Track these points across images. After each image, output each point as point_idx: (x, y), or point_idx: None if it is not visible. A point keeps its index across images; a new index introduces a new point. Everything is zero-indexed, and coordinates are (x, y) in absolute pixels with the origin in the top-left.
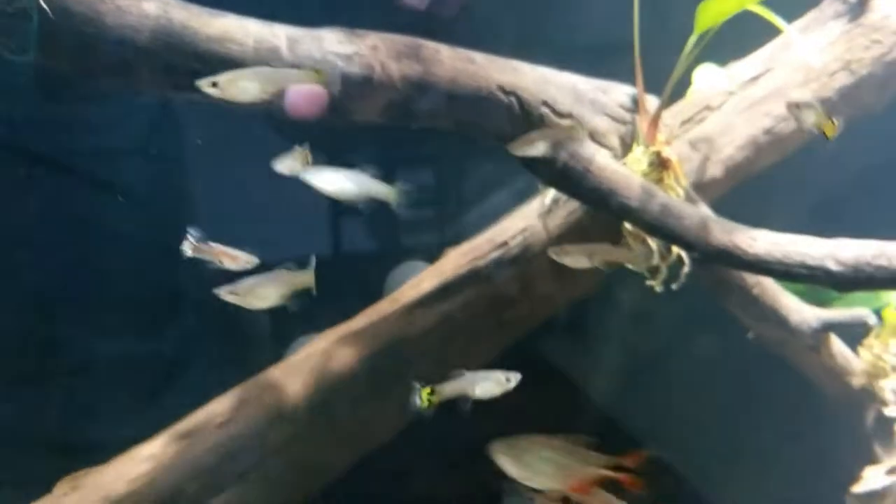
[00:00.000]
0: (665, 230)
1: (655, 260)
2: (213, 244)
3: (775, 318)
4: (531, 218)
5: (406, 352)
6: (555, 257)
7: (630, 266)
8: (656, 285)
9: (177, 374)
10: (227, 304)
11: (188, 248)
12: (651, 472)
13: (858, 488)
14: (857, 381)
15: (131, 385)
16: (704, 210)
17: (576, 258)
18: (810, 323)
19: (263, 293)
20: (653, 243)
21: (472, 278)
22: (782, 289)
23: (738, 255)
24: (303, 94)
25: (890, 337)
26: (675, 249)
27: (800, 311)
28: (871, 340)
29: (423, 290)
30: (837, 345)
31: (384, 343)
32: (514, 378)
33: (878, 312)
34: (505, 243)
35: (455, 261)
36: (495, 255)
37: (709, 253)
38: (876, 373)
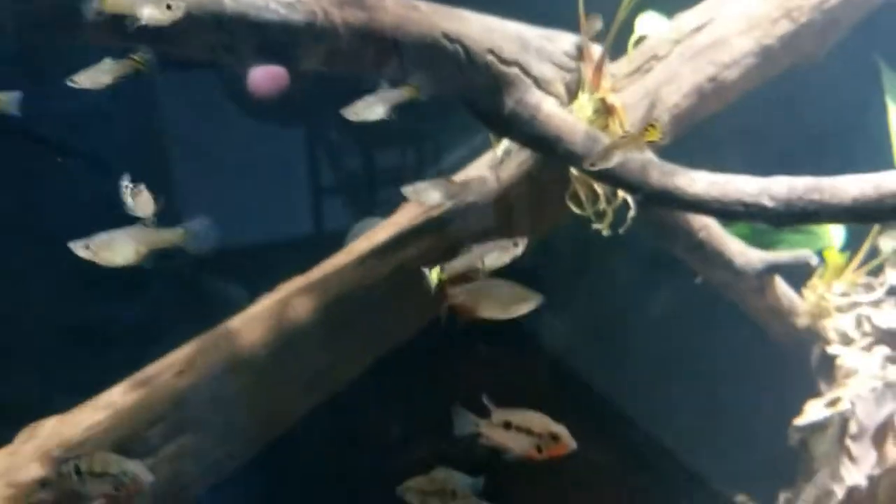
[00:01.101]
0: (609, 174)
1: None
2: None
3: (721, 262)
4: (484, 169)
5: (361, 301)
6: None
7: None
8: (603, 229)
9: (151, 342)
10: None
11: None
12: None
13: (800, 421)
14: (802, 322)
15: (105, 352)
16: (647, 154)
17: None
18: (755, 265)
19: (119, 249)
20: (599, 188)
21: (426, 229)
22: (727, 233)
23: (678, 196)
24: (265, 74)
25: (832, 278)
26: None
27: (744, 253)
28: (814, 282)
29: (377, 242)
30: (782, 287)
31: (339, 293)
32: (522, 243)
33: (820, 254)
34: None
35: (410, 212)
36: (449, 205)
37: (651, 194)
38: (819, 313)
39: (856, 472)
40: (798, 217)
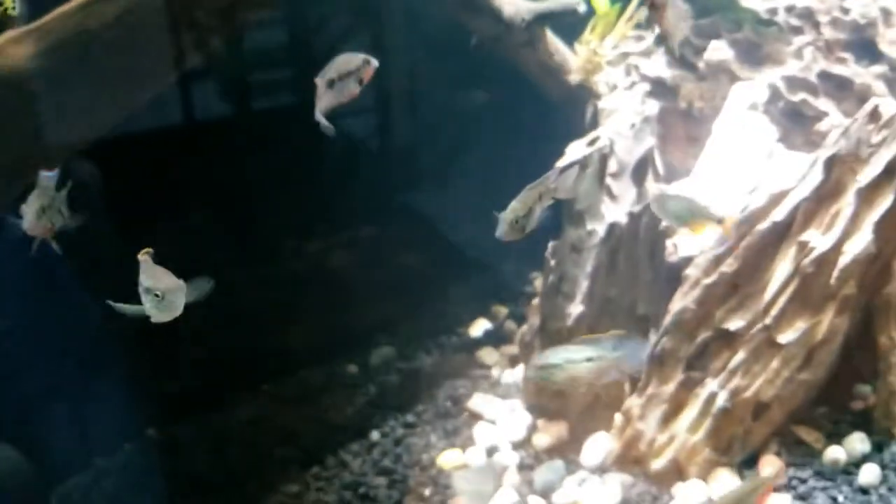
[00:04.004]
0: None
1: None
2: None
3: (489, 11)
4: None
5: (84, 46)
6: None
7: None
8: None
9: None
10: None
11: None
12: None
13: (561, 162)
14: (575, 78)
15: None
16: None
17: None
18: (523, 15)
19: None
20: None
21: None
22: None
23: None
24: None
25: (604, 32)
26: None
27: (513, 3)
28: (587, 36)
29: None
30: (555, 42)
31: (60, 38)
32: None
33: (589, 3)
34: None
35: None
36: None
37: None
38: (592, 68)
39: (616, 209)
40: None
